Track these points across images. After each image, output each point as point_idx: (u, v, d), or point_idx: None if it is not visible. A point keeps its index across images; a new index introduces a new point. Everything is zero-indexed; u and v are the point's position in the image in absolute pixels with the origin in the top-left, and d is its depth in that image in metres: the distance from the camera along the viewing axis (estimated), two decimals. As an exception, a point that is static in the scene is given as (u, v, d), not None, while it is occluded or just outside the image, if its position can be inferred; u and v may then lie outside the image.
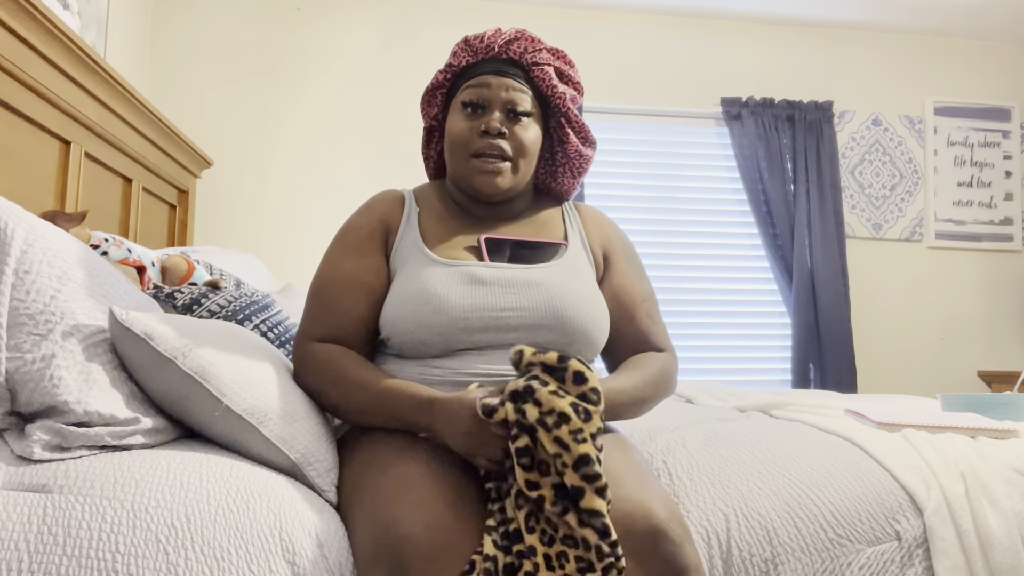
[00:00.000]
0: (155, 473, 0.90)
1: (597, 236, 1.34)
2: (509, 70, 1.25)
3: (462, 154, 1.24)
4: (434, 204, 1.31)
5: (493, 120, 1.22)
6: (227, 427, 1.00)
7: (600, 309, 1.22)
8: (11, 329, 0.94)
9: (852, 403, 1.68)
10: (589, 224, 1.35)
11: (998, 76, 3.87)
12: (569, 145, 1.31)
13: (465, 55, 1.28)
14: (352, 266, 1.21)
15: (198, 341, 1.02)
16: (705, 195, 3.63)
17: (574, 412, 0.93)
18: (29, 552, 0.79)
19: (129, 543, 0.82)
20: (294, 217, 3.26)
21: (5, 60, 1.52)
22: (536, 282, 1.18)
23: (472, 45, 1.28)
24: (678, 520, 0.96)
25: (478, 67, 1.26)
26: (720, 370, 3.57)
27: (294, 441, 1.01)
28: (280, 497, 0.93)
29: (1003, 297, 3.79)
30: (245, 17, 3.30)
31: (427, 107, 1.34)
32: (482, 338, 1.15)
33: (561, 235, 1.32)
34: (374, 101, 3.36)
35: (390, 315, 1.17)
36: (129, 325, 0.98)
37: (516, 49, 1.26)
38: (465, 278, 1.16)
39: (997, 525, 1.09)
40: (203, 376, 0.99)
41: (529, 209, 1.34)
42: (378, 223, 1.26)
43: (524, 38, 1.27)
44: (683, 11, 3.58)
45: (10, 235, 0.97)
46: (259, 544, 0.87)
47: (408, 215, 1.28)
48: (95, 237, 1.61)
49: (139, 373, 1.02)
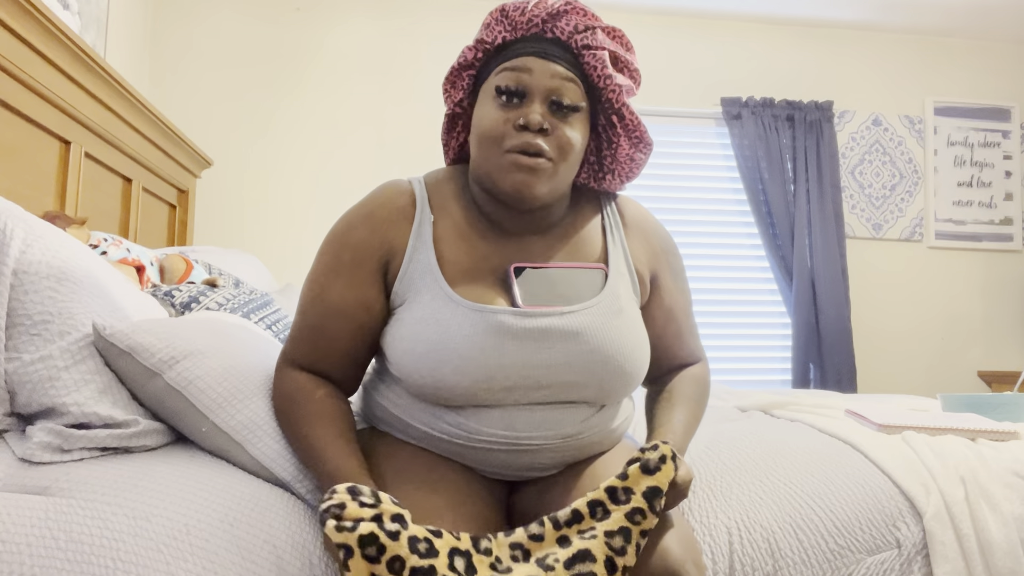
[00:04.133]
0: (155, 478, 0.90)
1: (644, 255, 1.14)
2: (555, 52, 1.03)
3: (493, 150, 1.01)
4: (451, 209, 1.09)
5: (534, 112, 1.00)
6: (216, 442, 0.99)
7: (642, 354, 1.06)
8: (10, 330, 0.93)
9: (852, 403, 1.67)
10: (634, 239, 1.15)
11: (998, 76, 3.86)
12: (620, 148, 1.11)
13: (501, 29, 1.05)
14: (342, 294, 1.04)
15: (185, 351, 1.00)
16: (705, 195, 3.63)
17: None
18: (30, 555, 0.78)
19: (129, 549, 0.81)
20: (294, 217, 3.26)
21: (5, 60, 1.52)
22: (574, 332, 1.00)
23: (511, 17, 1.05)
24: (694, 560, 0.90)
25: (517, 46, 1.04)
26: (720, 370, 3.57)
27: (281, 459, 0.98)
28: (275, 511, 0.92)
29: (1003, 297, 3.79)
30: (245, 17, 3.29)
31: (451, 89, 1.11)
32: (506, 397, 0.99)
33: (600, 251, 1.11)
34: (374, 101, 3.35)
35: (403, 364, 1.01)
36: (113, 340, 0.97)
37: (564, 27, 1.04)
38: (493, 330, 0.98)
39: (997, 529, 1.09)
40: (188, 392, 0.97)
41: (565, 217, 1.12)
42: (379, 245, 1.05)
43: (575, 11, 1.05)
44: (683, 11, 3.58)
45: (9, 235, 0.97)
46: (253, 559, 0.86)
47: (419, 226, 1.06)
48: (94, 237, 1.61)
49: (128, 384, 1.01)
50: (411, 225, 1.06)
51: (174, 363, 0.98)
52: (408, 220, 1.07)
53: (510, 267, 1.04)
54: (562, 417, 1.02)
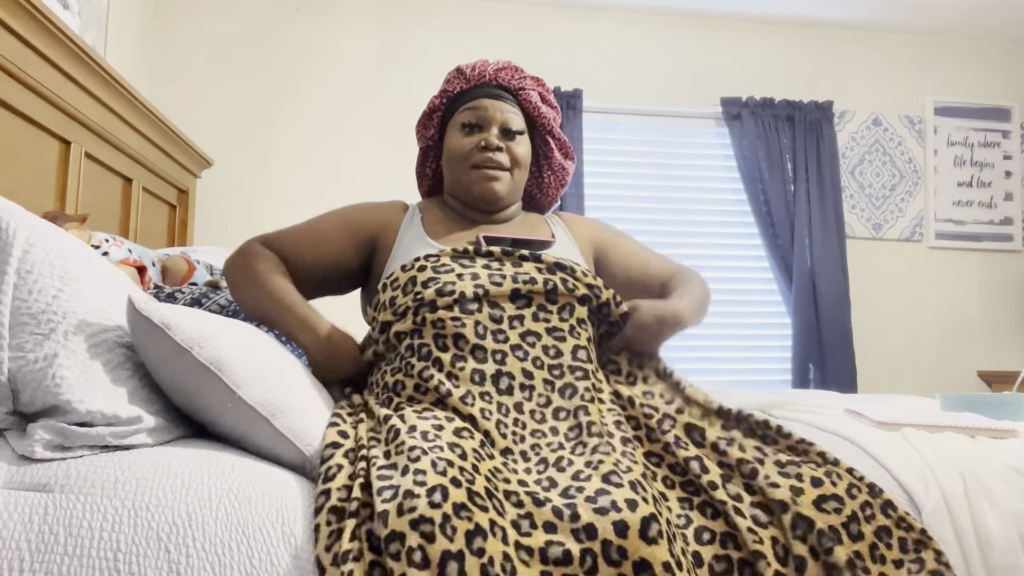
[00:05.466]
0: (156, 471, 0.90)
1: (583, 233, 1.49)
2: (501, 94, 1.42)
3: (463, 166, 1.39)
4: (435, 211, 1.44)
5: (492, 136, 1.38)
6: (238, 418, 1.00)
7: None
8: (13, 329, 0.94)
9: (852, 403, 1.68)
10: (573, 226, 1.50)
11: (998, 76, 3.87)
12: (554, 159, 1.49)
13: (459, 82, 1.44)
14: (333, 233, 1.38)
15: (214, 333, 1.02)
16: (705, 195, 3.63)
17: None
18: (30, 551, 0.79)
19: (130, 542, 0.82)
20: (294, 217, 3.23)
21: (5, 60, 1.53)
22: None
23: (465, 73, 1.44)
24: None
25: (472, 92, 1.42)
26: (720, 370, 3.57)
27: (305, 435, 1.01)
28: (283, 492, 0.93)
29: (1003, 297, 3.80)
30: (245, 17, 3.30)
31: (423, 129, 1.48)
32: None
33: (549, 236, 1.44)
34: (374, 101, 3.36)
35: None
36: (147, 314, 0.99)
37: (504, 76, 1.43)
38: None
39: (996, 525, 1.09)
40: (218, 367, 0.99)
41: (517, 216, 1.48)
42: (377, 223, 1.41)
43: (510, 67, 1.44)
44: (683, 11, 3.59)
45: (12, 235, 0.97)
46: (260, 538, 0.86)
47: (412, 217, 1.41)
48: (96, 237, 1.62)
49: (152, 364, 1.02)
50: (404, 214, 1.43)
51: (204, 341, 1.00)
52: (402, 211, 1.45)
53: (480, 234, 1.32)
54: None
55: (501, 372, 1.09)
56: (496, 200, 1.39)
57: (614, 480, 0.90)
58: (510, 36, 3.48)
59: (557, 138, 1.48)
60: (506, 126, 1.39)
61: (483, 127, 1.39)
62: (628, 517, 0.84)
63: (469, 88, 1.43)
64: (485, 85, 1.42)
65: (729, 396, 1.92)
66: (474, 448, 0.95)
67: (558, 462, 0.98)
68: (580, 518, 0.84)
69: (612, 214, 3.53)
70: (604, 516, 0.84)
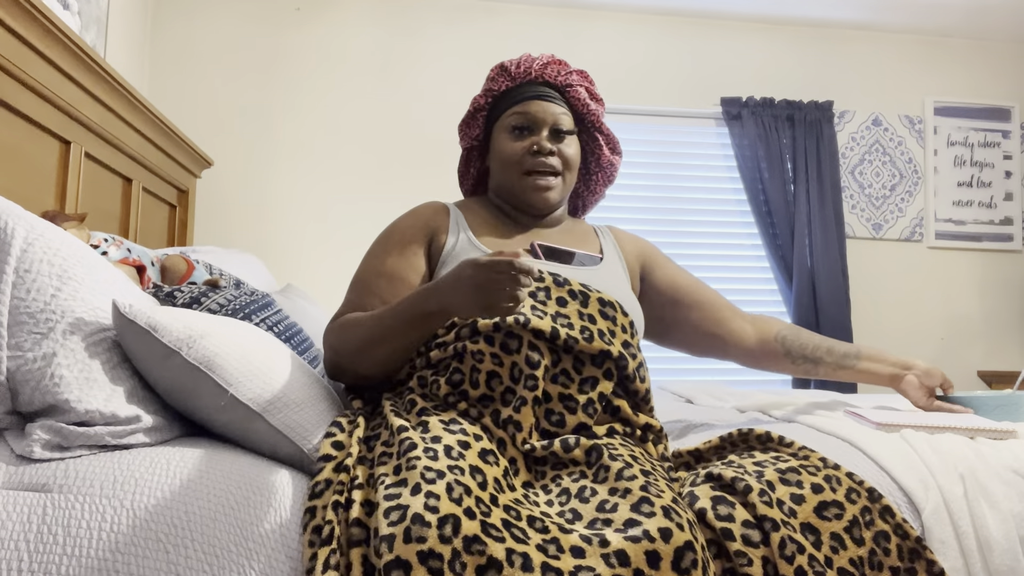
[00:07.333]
0: (154, 471, 0.90)
1: (632, 248, 1.46)
2: (549, 93, 1.36)
3: (515, 172, 1.34)
4: (478, 212, 1.39)
5: (543, 140, 1.33)
6: (233, 416, 1.00)
7: (637, 311, 1.32)
8: (12, 328, 0.94)
9: (851, 404, 1.68)
10: (623, 240, 1.48)
11: (998, 76, 3.87)
12: (602, 156, 1.44)
13: (503, 80, 1.38)
14: (394, 262, 1.28)
15: (203, 332, 1.02)
16: (705, 195, 3.63)
17: None
18: (29, 551, 0.79)
19: (129, 542, 0.82)
20: (294, 217, 3.26)
21: (5, 60, 1.52)
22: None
23: (509, 71, 1.38)
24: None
25: (518, 91, 1.37)
26: (720, 370, 3.57)
27: (301, 429, 1.01)
28: (282, 492, 0.93)
29: (1003, 297, 3.79)
30: (245, 17, 3.30)
31: (468, 129, 1.43)
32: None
33: (597, 249, 1.42)
34: (374, 101, 3.36)
35: None
36: (132, 317, 0.98)
37: (551, 73, 1.37)
38: None
39: (996, 526, 1.09)
40: (208, 366, 0.99)
41: (564, 221, 1.44)
42: (423, 225, 1.33)
43: (555, 62, 1.38)
44: (683, 11, 3.59)
45: (10, 234, 0.97)
46: (259, 540, 0.86)
47: (456, 219, 1.35)
48: (95, 237, 1.62)
49: (143, 366, 1.02)
50: (448, 218, 1.35)
51: (192, 341, 0.99)
52: (446, 214, 1.36)
53: (534, 242, 1.32)
54: None
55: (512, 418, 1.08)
56: (548, 209, 1.37)
57: (644, 510, 0.87)
58: (510, 36, 3.48)
59: (605, 134, 1.43)
60: (556, 127, 1.35)
61: (533, 130, 1.34)
62: (661, 548, 0.82)
63: (515, 86, 1.38)
64: (531, 83, 1.37)
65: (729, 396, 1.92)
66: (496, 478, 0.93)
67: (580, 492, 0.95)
68: (610, 544, 0.82)
69: (613, 214, 3.53)
70: (636, 544, 0.82)
